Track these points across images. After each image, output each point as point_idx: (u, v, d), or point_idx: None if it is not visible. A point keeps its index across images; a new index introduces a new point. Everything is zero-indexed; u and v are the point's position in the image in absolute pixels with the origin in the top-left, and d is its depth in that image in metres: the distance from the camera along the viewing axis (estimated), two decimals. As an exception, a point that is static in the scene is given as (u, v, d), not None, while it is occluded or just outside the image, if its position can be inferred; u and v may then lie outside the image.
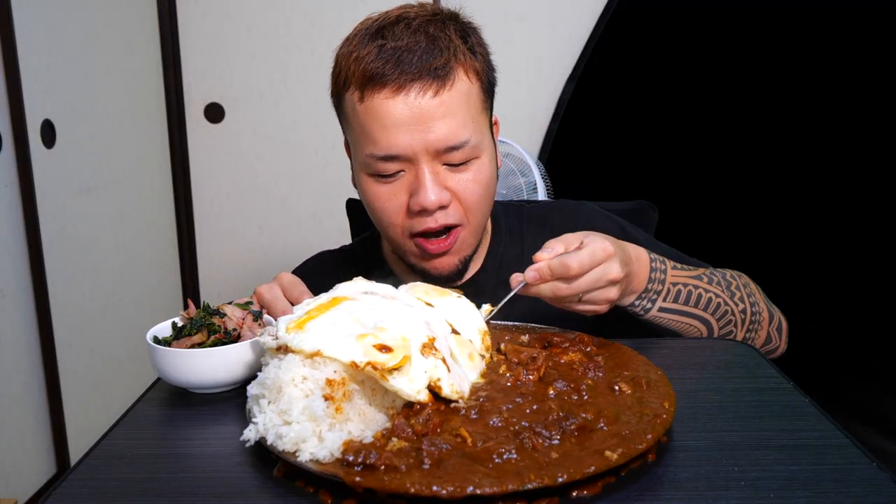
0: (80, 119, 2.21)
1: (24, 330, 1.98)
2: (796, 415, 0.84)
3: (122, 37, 2.47)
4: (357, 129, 1.11)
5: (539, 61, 2.55)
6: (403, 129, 1.06)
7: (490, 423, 0.76)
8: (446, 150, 1.08)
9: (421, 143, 1.07)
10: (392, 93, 1.06)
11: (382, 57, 1.06)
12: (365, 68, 1.07)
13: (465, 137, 1.09)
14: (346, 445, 0.72)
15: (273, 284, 1.07)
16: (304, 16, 2.67)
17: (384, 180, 1.11)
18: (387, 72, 1.05)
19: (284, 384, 0.77)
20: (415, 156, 1.08)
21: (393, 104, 1.06)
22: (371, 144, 1.09)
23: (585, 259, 0.94)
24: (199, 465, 0.78)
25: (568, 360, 0.91)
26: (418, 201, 1.09)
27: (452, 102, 1.08)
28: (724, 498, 0.68)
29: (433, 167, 1.09)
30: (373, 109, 1.07)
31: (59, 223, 2.10)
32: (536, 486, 0.65)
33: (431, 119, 1.06)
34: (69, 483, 0.75)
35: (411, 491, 0.65)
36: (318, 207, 2.79)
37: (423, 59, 1.06)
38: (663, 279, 1.08)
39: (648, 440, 0.72)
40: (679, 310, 1.10)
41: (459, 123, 1.08)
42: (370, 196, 1.14)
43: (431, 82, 1.06)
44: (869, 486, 0.70)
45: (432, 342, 0.83)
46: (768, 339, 1.19)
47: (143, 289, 2.57)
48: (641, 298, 1.07)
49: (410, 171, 1.10)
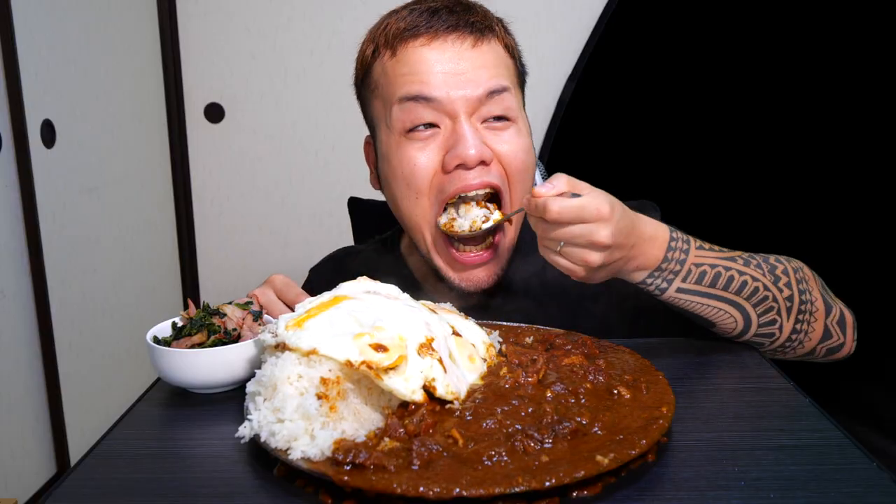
0: (80, 119, 2.21)
1: (24, 330, 1.98)
2: (796, 415, 0.84)
3: (122, 37, 2.47)
4: (386, 86, 1.06)
5: (539, 61, 2.54)
6: (440, 74, 1.02)
7: (483, 426, 0.76)
8: (487, 95, 1.03)
9: (458, 89, 1.02)
10: (429, 39, 1.03)
11: (417, 13, 1.04)
12: (396, 27, 1.04)
13: (506, 83, 1.05)
14: (336, 444, 0.72)
15: (265, 288, 1.06)
16: (304, 16, 2.67)
17: (418, 138, 1.05)
18: (420, 23, 1.03)
19: (280, 382, 0.78)
20: (452, 107, 1.03)
21: (428, 51, 1.03)
22: (401, 86, 1.04)
23: (569, 210, 0.88)
24: (199, 464, 0.78)
25: (569, 362, 0.91)
26: (457, 154, 1.02)
27: (491, 54, 1.05)
28: (724, 498, 0.68)
29: (471, 122, 1.04)
30: (407, 57, 1.03)
31: (59, 223, 2.10)
32: (524, 489, 0.65)
33: (469, 68, 1.02)
34: (69, 483, 0.75)
35: (398, 491, 0.65)
36: (318, 207, 2.79)
37: (459, 14, 1.04)
38: (683, 259, 1.00)
39: (642, 445, 0.72)
40: (702, 291, 1.01)
41: (500, 71, 1.05)
42: (401, 160, 1.07)
43: (469, 34, 1.03)
44: (869, 486, 0.70)
45: (430, 342, 0.82)
46: (827, 335, 1.07)
47: (143, 289, 2.57)
48: (654, 277, 0.99)
49: (446, 126, 1.05)
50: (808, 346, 1.07)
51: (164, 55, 2.68)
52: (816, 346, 1.08)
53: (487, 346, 0.93)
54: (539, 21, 2.58)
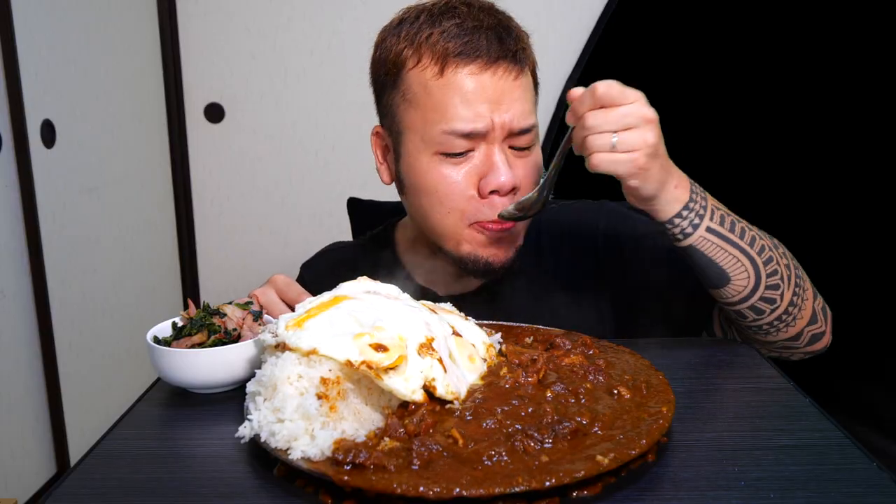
0: (80, 119, 2.21)
1: (24, 330, 1.98)
2: (796, 415, 0.84)
3: (122, 37, 2.47)
4: (430, 106, 1.07)
5: (539, 61, 2.54)
6: (487, 106, 1.06)
7: (483, 426, 0.76)
8: (519, 131, 1.09)
9: (500, 120, 1.07)
10: (479, 68, 1.06)
11: (465, 32, 1.06)
12: (446, 44, 1.06)
13: (533, 121, 1.11)
14: (336, 444, 0.72)
15: (266, 288, 1.07)
16: (304, 16, 2.67)
17: (453, 160, 1.08)
18: (478, 47, 1.06)
19: (280, 382, 0.78)
20: (491, 133, 1.07)
21: (480, 79, 1.06)
22: (451, 118, 1.06)
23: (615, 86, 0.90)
24: (199, 464, 0.78)
25: (569, 362, 0.91)
26: (494, 180, 1.07)
27: (526, 87, 1.11)
28: (724, 498, 0.68)
29: (503, 149, 1.09)
30: (456, 83, 1.06)
31: (59, 223, 2.10)
32: (524, 489, 0.65)
33: (511, 99, 1.07)
34: (69, 483, 0.75)
35: (398, 491, 0.65)
36: (318, 207, 2.79)
37: (505, 41, 1.08)
38: (705, 200, 0.99)
39: (642, 445, 0.72)
40: (725, 236, 0.98)
41: (530, 108, 1.11)
42: (435, 178, 1.09)
43: (514, 65, 1.08)
44: (869, 486, 0.70)
45: (430, 342, 0.82)
46: (814, 318, 1.08)
47: (143, 289, 2.57)
48: (688, 211, 0.97)
49: (481, 151, 1.09)
50: (798, 326, 1.06)
51: (164, 55, 2.68)
52: (804, 328, 1.07)
53: (487, 346, 0.93)
54: (539, 21, 2.57)
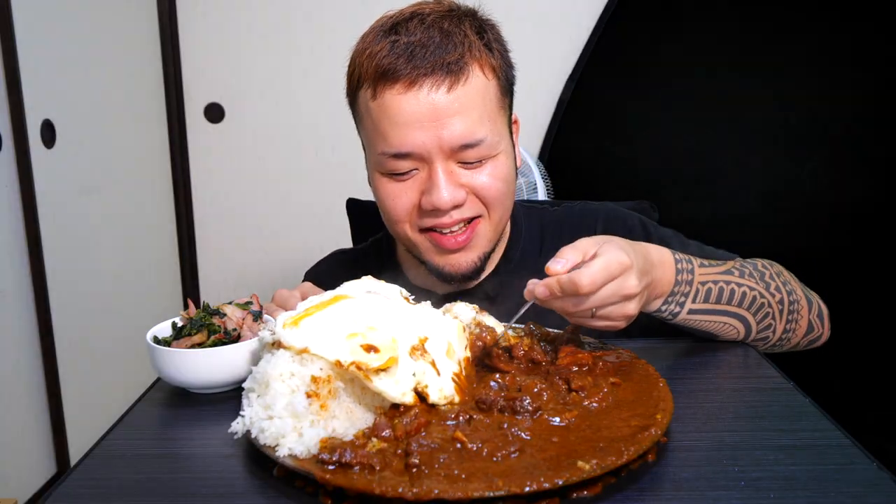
0: (80, 119, 2.21)
1: (24, 330, 1.98)
2: (796, 415, 0.84)
3: (122, 37, 2.47)
4: (370, 128, 1.09)
5: (539, 61, 2.54)
6: (416, 126, 1.03)
7: (481, 426, 0.76)
8: (461, 147, 1.05)
9: (434, 140, 1.04)
10: (404, 88, 1.03)
11: (395, 52, 1.04)
12: (377, 64, 1.04)
13: (481, 136, 1.05)
14: (323, 443, 0.72)
15: (295, 292, 1.06)
16: (304, 16, 2.67)
17: (397, 178, 1.09)
18: (398, 67, 1.03)
19: (272, 379, 0.78)
20: (428, 154, 1.05)
21: (405, 100, 1.03)
22: (383, 142, 1.06)
23: (598, 275, 0.86)
24: (199, 465, 0.78)
25: (569, 362, 0.91)
26: (431, 201, 1.06)
27: (467, 99, 1.04)
28: (724, 498, 0.68)
29: (447, 166, 1.06)
30: (384, 106, 1.05)
31: (59, 223, 2.10)
32: (524, 489, 0.65)
33: (445, 115, 1.03)
34: (69, 483, 0.75)
35: (376, 491, 0.65)
36: (318, 207, 2.79)
37: (435, 53, 1.03)
38: (691, 280, 1.01)
39: (642, 445, 0.72)
40: (711, 309, 1.03)
41: (475, 121, 1.05)
42: (382, 194, 1.11)
43: (444, 77, 1.03)
44: (869, 486, 0.70)
45: (423, 343, 0.82)
46: (810, 328, 1.13)
47: (143, 289, 2.57)
48: (668, 303, 1.00)
49: (424, 169, 1.07)
50: (794, 342, 1.14)
51: (164, 55, 2.68)
52: (800, 341, 1.14)
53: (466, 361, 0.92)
54: (539, 21, 2.57)
